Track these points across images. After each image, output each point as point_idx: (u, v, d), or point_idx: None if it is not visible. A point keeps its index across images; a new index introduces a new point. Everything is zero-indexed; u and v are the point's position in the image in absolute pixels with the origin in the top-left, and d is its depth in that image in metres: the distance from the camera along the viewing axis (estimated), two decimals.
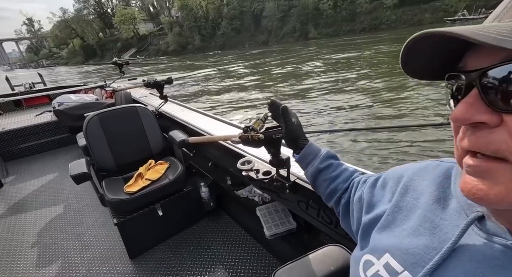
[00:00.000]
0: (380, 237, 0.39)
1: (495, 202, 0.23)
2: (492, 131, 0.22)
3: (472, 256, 0.28)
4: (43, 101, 3.98)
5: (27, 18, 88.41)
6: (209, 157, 1.68)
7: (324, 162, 0.62)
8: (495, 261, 0.26)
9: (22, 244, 1.75)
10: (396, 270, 0.33)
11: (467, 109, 0.23)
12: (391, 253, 0.35)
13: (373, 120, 4.49)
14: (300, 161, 0.65)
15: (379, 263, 0.36)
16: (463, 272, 0.28)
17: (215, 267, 1.43)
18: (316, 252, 0.70)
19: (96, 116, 1.66)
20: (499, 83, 0.21)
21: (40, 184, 2.52)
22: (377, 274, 0.35)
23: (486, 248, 0.27)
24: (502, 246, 0.26)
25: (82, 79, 20.83)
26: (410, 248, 0.33)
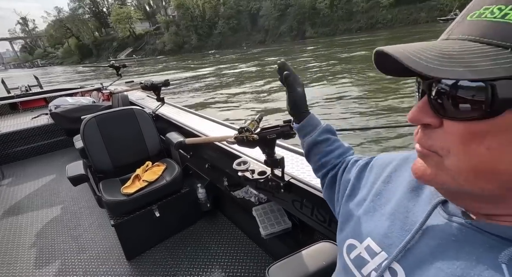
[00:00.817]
0: (363, 222, 0.42)
1: (428, 181, 0.30)
2: (434, 131, 0.28)
3: (435, 234, 0.32)
4: (39, 104, 3.97)
5: (21, 17, 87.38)
6: (206, 159, 1.70)
7: (322, 135, 0.62)
8: (453, 237, 0.30)
9: (19, 247, 1.76)
10: (375, 251, 0.37)
11: (418, 112, 0.28)
12: (372, 237, 0.39)
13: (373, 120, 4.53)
14: (299, 131, 0.66)
15: (361, 246, 0.40)
16: (428, 248, 0.32)
17: (212, 267, 1.45)
18: (309, 248, 0.72)
19: (93, 119, 1.67)
20: (442, 93, 0.26)
21: (36, 186, 2.52)
22: (359, 256, 0.39)
23: (446, 227, 0.31)
24: (458, 224, 0.30)
25: (79, 78, 20.68)
26: (388, 231, 0.37)
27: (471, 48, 0.23)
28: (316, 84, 7.68)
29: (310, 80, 8.34)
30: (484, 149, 0.24)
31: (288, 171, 1.06)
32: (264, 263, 1.42)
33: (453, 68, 0.23)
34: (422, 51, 0.24)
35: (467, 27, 0.25)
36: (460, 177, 0.27)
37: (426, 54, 0.24)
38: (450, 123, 0.26)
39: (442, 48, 0.24)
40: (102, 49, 60.46)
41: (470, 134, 0.25)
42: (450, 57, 0.23)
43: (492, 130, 0.24)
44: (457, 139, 0.26)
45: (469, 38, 0.24)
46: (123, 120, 1.77)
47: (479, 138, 0.24)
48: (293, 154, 1.22)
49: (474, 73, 0.22)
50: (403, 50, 0.25)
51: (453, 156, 0.26)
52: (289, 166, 1.10)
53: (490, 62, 0.22)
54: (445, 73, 0.23)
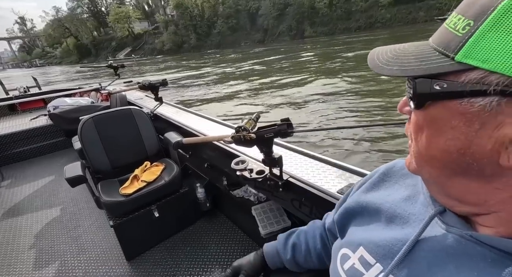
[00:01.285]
0: (356, 230, 0.42)
1: (408, 169, 0.33)
2: (409, 121, 0.32)
3: (433, 247, 0.31)
4: (38, 105, 3.95)
5: (19, 17, 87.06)
6: (205, 158, 1.69)
7: (286, 250, 0.60)
8: (451, 249, 0.29)
9: (18, 249, 1.75)
10: (369, 263, 0.36)
11: (401, 103, 0.32)
12: (365, 246, 0.38)
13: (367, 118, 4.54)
14: (274, 266, 0.63)
15: (354, 256, 0.39)
16: (426, 261, 0.31)
17: (212, 267, 1.45)
18: None
19: (90, 119, 1.66)
20: (409, 89, 0.29)
21: (36, 188, 2.51)
22: (353, 267, 0.38)
23: (444, 238, 0.30)
24: (457, 236, 0.29)
25: (79, 77, 20.60)
26: (380, 241, 0.36)
27: (420, 50, 0.27)
28: (315, 83, 7.68)
29: (310, 79, 8.34)
30: (423, 137, 0.28)
31: (287, 169, 1.06)
32: None
33: (392, 66, 0.27)
34: (385, 53, 0.30)
35: (437, 32, 0.28)
36: (418, 162, 0.30)
37: (385, 55, 0.29)
38: (412, 113, 0.30)
39: (402, 51, 0.28)
40: (100, 49, 60.27)
41: (416, 124, 0.29)
42: (397, 58, 0.28)
43: (424, 120, 0.28)
44: (412, 127, 0.30)
45: (431, 44, 0.27)
46: (121, 120, 1.76)
47: (420, 127, 0.28)
48: (291, 153, 1.22)
49: (401, 71, 0.27)
50: (376, 53, 0.31)
51: (413, 143, 0.31)
52: (287, 165, 1.10)
53: (418, 63, 0.26)
54: (383, 71, 0.28)
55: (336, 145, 3.68)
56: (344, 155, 3.36)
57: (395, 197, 0.39)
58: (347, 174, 0.98)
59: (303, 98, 6.30)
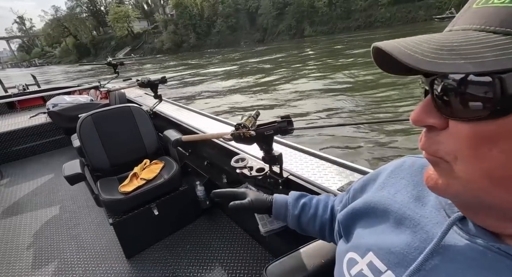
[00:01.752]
0: (363, 233, 0.39)
1: (442, 192, 0.27)
2: (439, 134, 0.25)
3: (453, 257, 0.28)
4: (37, 102, 3.94)
5: (18, 16, 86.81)
6: (204, 156, 1.69)
7: (296, 207, 0.60)
8: (475, 261, 0.27)
9: (18, 246, 1.75)
10: (379, 270, 0.33)
11: (420, 112, 0.25)
12: (374, 252, 0.35)
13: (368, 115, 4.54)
14: (277, 218, 0.63)
15: (362, 261, 0.36)
16: (445, 272, 0.28)
17: (212, 265, 1.44)
18: (307, 246, 0.72)
19: (89, 117, 1.65)
20: (446, 90, 0.23)
21: (35, 186, 2.50)
22: (361, 273, 0.35)
23: (467, 249, 0.28)
24: (482, 247, 0.27)
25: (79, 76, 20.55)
26: (392, 247, 0.33)
27: (475, 38, 0.21)
28: (315, 80, 7.68)
29: (310, 76, 8.33)
30: (497, 153, 0.21)
31: (287, 167, 1.06)
32: (264, 260, 1.42)
33: (453, 61, 0.20)
34: (418, 44, 0.22)
35: (472, 15, 0.23)
36: (473, 185, 0.24)
37: (423, 47, 0.22)
38: (456, 124, 0.23)
39: (442, 40, 0.22)
40: (100, 48, 60.14)
41: (478, 136, 0.22)
42: (450, 49, 0.21)
43: (505, 130, 0.21)
44: (464, 142, 0.23)
45: (474, 28, 0.22)
46: (119, 118, 1.76)
47: (490, 140, 0.22)
48: (291, 150, 1.21)
49: (477, 66, 0.19)
50: (397, 44, 0.23)
51: (462, 161, 0.24)
52: (287, 163, 1.09)
53: (497, 52, 0.19)
54: (442, 67, 0.20)
55: (336, 142, 3.67)
56: (344, 153, 3.36)
57: (404, 196, 0.37)
58: (347, 172, 0.98)
59: (304, 96, 6.29)
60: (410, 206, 0.35)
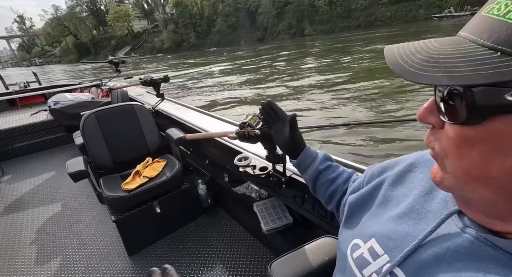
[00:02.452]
0: (370, 222, 0.41)
1: (439, 185, 0.30)
2: (438, 132, 0.28)
3: (444, 244, 0.30)
4: (38, 100, 3.94)
5: (18, 15, 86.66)
6: (206, 155, 1.69)
7: (323, 164, 0.62)
8: (463, 249, 0.29)
9: (20, 243, 1.75)
10: (378, 253, 0.36)
11: (424, 111, 0.28)
12: (377, 238, 0.38)
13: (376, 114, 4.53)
14: (298, 165, 0.65)
15: (364, 246, 0.39)
16: (434, 256, 0.30)
17: (213, 263, 1.45)
18: (311, 244, 0.72)
19: (93, 115, 1.66)
20: (440, 96, 0.26)
21: (36, 183, 2.51)
22: (362, 256, 0.38)
23: (458, 238, 0.30)
24: (471, 237, 0.29)
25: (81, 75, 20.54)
26: (393, 234, 0.36)
27: (463, 50, 0.23)
28: (319, 80, 7.66)
29: (314, 76, 8.32)
30: (475, 154, 0.24)
31: (290, 166, 1.06)
32: (265, 258, 1.43)
33: (433, 73, 0.23)
34: (413, 53, 0.25)
35: (475, 24, 0.24)
36: (459, 181, 0.27)
37: (414, 57, 0.24)
38: (448, 125, 0.26)
39: (433, 51, 0.24)
40: (100, 48, 60.06)
41: (461, 138, 0.25)
42: (434, 61, 0.23)
43: (480, 136, 0.23)
44: (452, 142, 0.26)
45: (470, 38, 0.23)
46: (123, 116, 1.76)
47: (470, 142, 0.24)
48: None
49: (450, 79, 0.22)
50: (396, 52, 0.26)
51: (450, 159, 0.27)
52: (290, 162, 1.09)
53: (473, 67, 0.21)
54: (422, 78, 0.23)
55: (340, 142, 3.67)
56: (348, 153, 3.36)
57: (417, 191, 0.38)
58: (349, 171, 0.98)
59: (308, 95, 6.28)
60: (420, 200, 0.37)
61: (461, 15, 23.87)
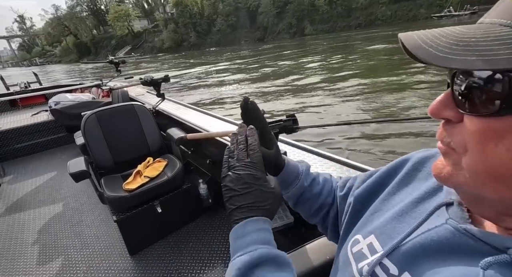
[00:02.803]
0: (372, 217, 0.42)
1: (444, 180, 0.28)
2: (454, 126, 0.26)
3: (430, 235, 0.31)
4: (39, 100, 3.96)
5: (18, 15, 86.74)
6: (207, 155, 1.69)
7: (308, 179, 0.53)
8: (445, 240, 0.29)
9: (21, 243, 1.76)
10: (376, 250, 0.37)
11: (438, 105, 0.26)
12: (376, 235, 0.38)
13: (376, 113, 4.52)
14: (284, 181, 0.52)
15: (364, 242, 0.39)
16: (420, 248, 0.31)
17: (214, 262, 1.45)
18: (312, 243, 0.72)
19: (94, 115, 1.66)
20: (462, 85, 0.24)
21: (38, 183, 2.52)
22: (360, 251, 0.39)
23: (442, 230, 0.30)
24: (453, 228, 0.29)
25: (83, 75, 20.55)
26: (392, 232, 0.36)
27: (497, 33, 0.21)
28: (320, 78, 7.66)
29: (314, 75, 8.32)
30: (503, 150, 0.22)
31: None
32: None
33: (465, 57, 0.21)
34: (438, 37, 0.23)
35: (503, 8, 0.22)
36: (477, 179, 0.25)
37: (440, 41, 0.22)
38: (469, 118, 0.24)
39: (462, 34, 0.22)
40: (100, 47, 60.11)
41: (488, 132, 0.22)
42: (465, 45, 0.21)
43: (507, 129, 0.21)
44: (474, 137, 0.23)
45: (500, 22, 0.22)
46: (123, 116, 1.76)
47: (498, 137, 0.22)
48: (295, 149, 1.22)
49: (486, 63, 0.20)
50: (417, 36, 0.24)
51: (470, 155, 0.24)
52: None
53: (510, 50, 0.19)
54: (453, 63, 0.21)
55: (341, 141, 3.67)
56: (349, 152, 3.36)
57: (420, 191, 0.38)
58: (351, 171, 0.99)
59: (309, 94, 6.28)
60: (421, 201, 0.37)
61: (461, 14, 23.87)
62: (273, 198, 0.41)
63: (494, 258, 0.24)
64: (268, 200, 0.40)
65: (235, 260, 0.35)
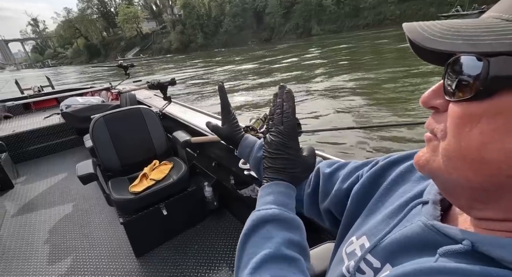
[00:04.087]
0: (366, 219, 0.42)
1: (422, 167, 0.29)
2: (441, 115, 0.27)
3: (405, 231, 0.32)
4: (51, 103, 4.09)
5: (32, 18, 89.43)
6: (212, 157, 1.70)
7: (260, 150, 0.55)
8: (418, 236, 0.31)
9: (32, 243, 1.81)
10: None
11: (429, 95, 0.27)
12: (368, 236, 0.38)
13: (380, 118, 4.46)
14: (241, 155, 0.60)
15: (357, 242, 0.40)
16: (397, 244, 0.32)
17: (219, 266, 1.46)
18: (315, 249, 0.72)
19: (101, 118, 1.69)
20: (450, 72, 0.25)
21: (49, 185, 2.58)
22: (353, 252, 0.40)
23: (415, 226, 0.31)
24: (423, 224, 0.30)
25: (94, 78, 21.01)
26: (379, 232, 0.36)
27: (488, 23, 0.22)
28: (324, 82, 7.60)
29: (318, 78, 8.26)
30: (477, 133, 0.23)
31: None
32: None
33: (453, 40, 0.22)
34: (435, 25, 0.24)
35: (499, 3, 0.24)
36: (449, 163, 0.25)
37: (435, 27, 0.24)
38: (452, 105, 0.25)
39: (457, 23, 0.24)
40: (110, 49, 61.35)
41: (466, 116, 0.23)
42: (456, 31, 0.23)
43: (488, 112, 0.22)
44: (453, 122, 0.24)
45: (494, 15, 0.23)
46: (130, 119, 1.79)
47: (474, 121, 0.23)
48: None
49: (470, 46, 0.21)
50: (417, 24, 0.25)
51: (446, 140, 0.25)
52: None
53: (495, 37, 0.21)
54: (441, 45, 0.22)
55: (344, 145, 3.63)
56: (353, 156, 3.32)
57: (411, 193, 0.38)
58: None
59: (312, 98, 6.23)
60: (410, 202, 0.37)
61: (469, 13, 23.32)
62: (302, 166, 0.44)
63: (450, 247, 0.26)
64: (297, 168, 0.44)
65: (254, 212, 0.41)
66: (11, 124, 3.47)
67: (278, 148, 0.43)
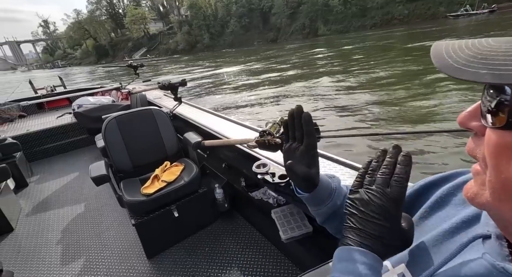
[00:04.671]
0: None
1: (471, 201, 0.27)
2: (479, 139, 0.26)
3: (463, 270, 0.29)
4: (63, 103, 4.18)
5: (43, 20, 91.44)
6: (222, 159, 1.69)
7: (340, 197, 0.49)
8: (480, 276, 0.27)
9: (47, 242, 1.83)
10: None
11: (466, 115, 0.26)
12: (408, 265, 0.35)
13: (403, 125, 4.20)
14: (311, 199, 0.49)
15: (394, 270, 0.36)
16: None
17: (230, 268, 1.44)
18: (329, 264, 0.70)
19: (114, 119, 1.70)
20: (490, 99, 0.23)
21: (62, 184, 2.62)
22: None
23: (477, 264, 0.28)
24: (489, 265, 0.27)
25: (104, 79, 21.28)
26: (425, 265, 0.33)
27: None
28: (341, 86, 7.31)
29: (334, 81, 7.96)
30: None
31: None
32: (284, 266, 1.40)
33: (476, 69, 0.21)
34: (462, 49, 0.23)
35: None
36: (494, 196, 0.24)
37: (462, 52, 0.23)
38: (488, 131, 0.24)
39: (486, 48, 0.22)
40: (118, 50, 62.23)
41: (501, 146, 0.22)
42: (482, 58, 0.22)
43: None
44: (490, 149, 0.23)
45: None
46: (142, 120, 1.80)
47: (509, 151, 0.22)
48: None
49: (495, 77, 0.20)
50: (444, 46, 0.25)
51: (489, 171, 0.24)
52: None
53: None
54: (463, 74, 0.22)
55: (366, 151, 3.45)
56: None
57: (457, 219, 0.35)
58: None
59: (331, 102, 5.93)
60: (457, 230, 0.34)
61: (478, 13, 22.82)
62: (399, 241, 0.36)
63: None
64: (394, 242, 0.35)
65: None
66: (25, 123, 3.55)
67: (377, 212, 0.35)
